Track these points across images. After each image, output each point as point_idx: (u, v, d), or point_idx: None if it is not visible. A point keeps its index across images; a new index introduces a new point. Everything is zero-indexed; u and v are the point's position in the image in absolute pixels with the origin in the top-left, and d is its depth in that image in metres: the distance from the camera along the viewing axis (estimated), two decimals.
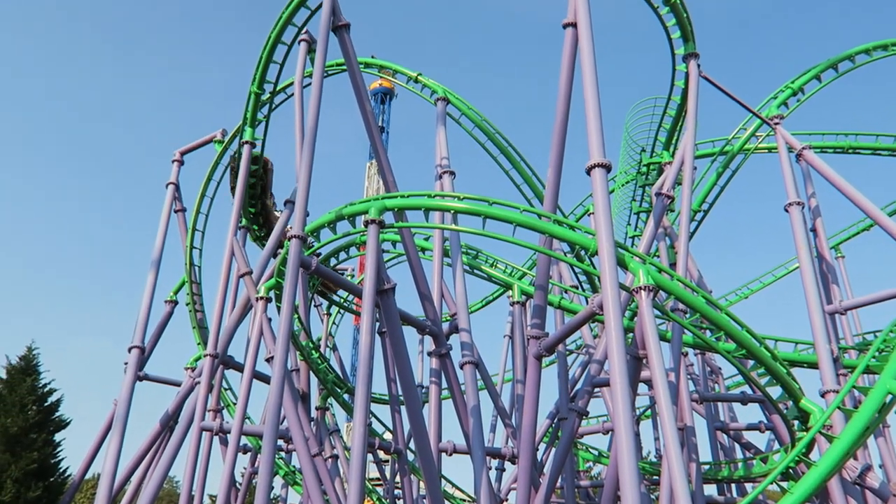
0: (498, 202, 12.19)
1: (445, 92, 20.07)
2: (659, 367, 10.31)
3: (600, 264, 10.65)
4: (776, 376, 12.88)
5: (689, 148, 16.10)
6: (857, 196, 17.61)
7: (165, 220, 21.65)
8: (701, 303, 11.93)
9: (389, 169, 15.63)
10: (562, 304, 17.89)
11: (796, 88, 19.51)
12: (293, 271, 12.10)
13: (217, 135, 22.95)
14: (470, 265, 20.80)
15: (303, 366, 17.58)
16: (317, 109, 13.33)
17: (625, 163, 21.90)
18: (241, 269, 17.91)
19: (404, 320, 15.05)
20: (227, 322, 18.06)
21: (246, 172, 18.52)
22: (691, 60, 16.65)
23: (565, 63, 13.26)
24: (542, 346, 13.68)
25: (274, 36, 16.77)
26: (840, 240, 25.13)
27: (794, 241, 16.66)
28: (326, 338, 26.20)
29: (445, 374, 15.84)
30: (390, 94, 64.58)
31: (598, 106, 11.59)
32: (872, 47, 20.04)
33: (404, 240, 15.47)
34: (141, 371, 20.11)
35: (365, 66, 21.47)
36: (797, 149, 18.54)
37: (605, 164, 11.26)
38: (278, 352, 11.56)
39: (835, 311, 18.16)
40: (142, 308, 20.26)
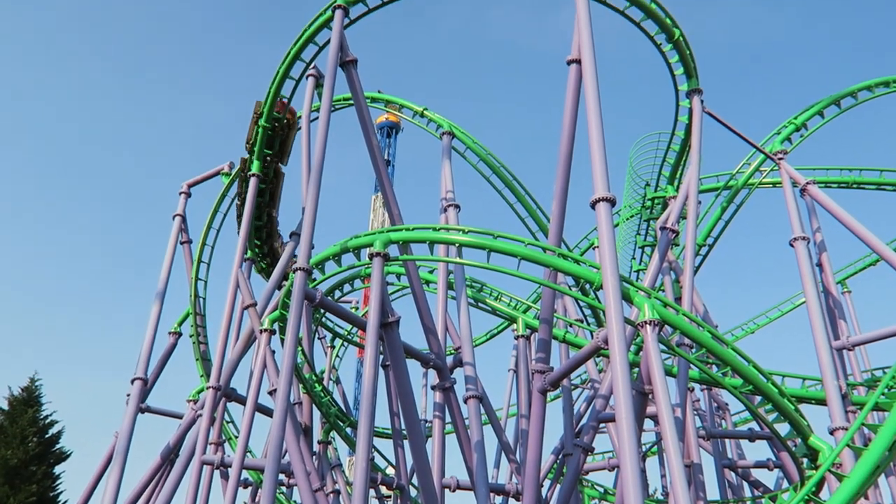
0: (503, 235, 12.22)
1: (451, 126, 20.27)
2: (665, 403, 10.21)
3: (605, 298, 10.61)
4: (784, 413, 12.73)
5: (694, 182, 16.15)
6: (863, 231, 17.59)
7: (171, 251, 21.74)
8: (707, 338, 11.86)
9: (395, 202, 15.72)
10: (567, 337, 17.78)
11: (799, 124, 19.65)
12: (297, 303, 12.10)
13: (224, 167, 23.16)
14: (474, 298, 20.76)
15: (305, 399, 17.46)
16: (324, 143, 13.47)
17: (629, 197, 21.99)
18: (246, 300, 17.90)
19: (408, 353, 14.98)
20: (231, 354, 18.00)
21: (252, 205, 18.62)
22: (694, 96, 16.80)
23: (569, 99, 13.40)
24: (547, 380, 13.57)
25: (282, 71, 17.02)
26: (846, 275, 25.03)
27: (800, 276, 16.61)
28: (330, 371, 26.03)
29: (449, 409, 15.70)
30: (396, 128, 65.23)
31: (602, 141, 11.68)
32: (874, 84, 20.21)
33: (409, 273, 15.48)
34: (143, 403, 19.97)
35: (372, 101, 21.73)
36: (801, 183, 18.59)
37: (610, 199, 11.30)
38: (281, 384, 11.50)
39: (842, 347, 17.99)
40: (145, 339, 20.23)
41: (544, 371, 13.75)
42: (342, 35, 15.06)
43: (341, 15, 15.16)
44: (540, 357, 13.98)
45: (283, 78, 17.16)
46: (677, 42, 15.98)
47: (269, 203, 19.67)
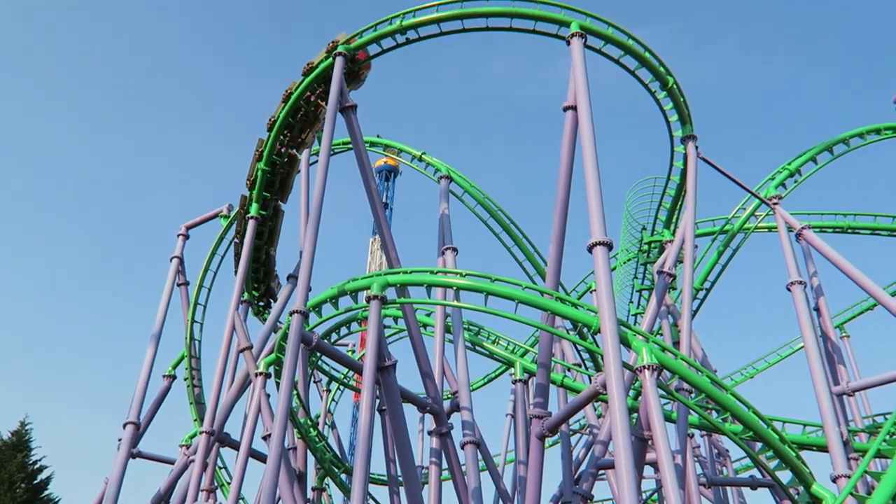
0: (500, 279, 12.23)
1: (448, 170, 20.48)
2: (665, 449, 10.08)
3: (603, 342, 10.58)
4: (785, 460, 12.57)
5: (690, 227, 16.26)
6: (859, 275, 17.64)
7: (168, 293, 21.67)
8: (706, 383, 11.78)
9: (392, 245, 15.77)
10: (565, 382, 17.64)
11: (793, 170, 19.87)
12: (294, 347, 12.02)
13: (223, 210, 23.27)
14: (472, 342, 20.65)
15: (300, 444, 17.20)
16: (322, 187, 13.58)
17: (626, 241, 22.09)
18: (242, 343, 17.77)
19: (405, 398, 14.83)
20: (225, 398, 17.78)
21: (250, 247, 18.65)
22: (689, 142, 17.03)
23: (566, 144, 13.60)
24: (545, 426, 13.42)
25: (283, 115, 17.24)
26: (844, 319, 24.97)
27: (798, 321, 16.59)
28: (325, 415, 25.70)
29: (446, 455, 15.46)
30: (395, 172, 65.78)
31: (598, 185, 11.81)
32: (866, 131, 20.53)
33: (406, 316, 15.43)
34: (134, 448, 19.64)
35: (371, 145, 21.99)
36: (797, 228, 18.71)
37: (607, 243, 11.37)
38: (276, 429, 11.34)
39: (842, 393, 17.85)
40: (139, 382, 20.01)
41: (542, 416, 13.61)
42: (342, 81, 15.33)
43: (342, 62, 15.46)
44: (538, 402, 13.85)
45: (284, 122, 17.37)
46: (671, 90, 16.27)
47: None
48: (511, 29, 15.42)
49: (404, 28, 15.63)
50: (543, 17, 14.96)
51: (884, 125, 20.73)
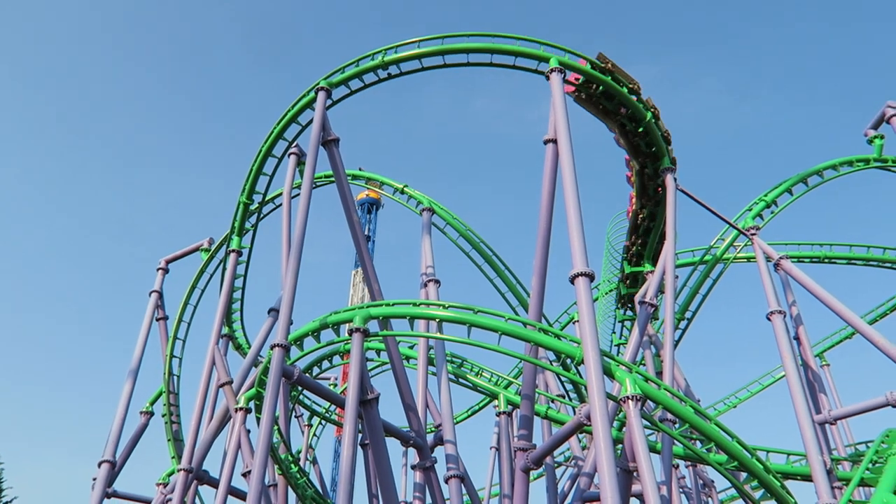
0: (483, 310, 12.23)
1: (430, 202, 20.57)
2: (650, 481, 10.03)
3: (587, 373, 10.57)
4: (770, 490, 12.55)
5: (670, 258, 16.41)
6: (836, 304, 17.86)
7: (147, 328, 21.39)
8: (689, 413, 11.79)
9: (375, 277, 15.74)
10: (549, 414, 17.54)
11: (769, 201, 20.21)
12: (275, 381, 11.88)
13: (204, 243, 23.12)
14: (455, 374, 20.51)
15: (281, 480, 16.88)
16: (304, 219, 13.58)
17: (608, 272, 22.22)
18: (221, 378, 17.51)
19: (388, 432, 14.64)
20: (204, 434, 17.45)
21: (230, 281, 18.52)
22: (668, 174, 17.28)
23: (547, 177, 13.75)
24: (530, 458, 13.32)
25: (265, 149, 17.30)
26: (823, 348, 25.21)
27: (779, 350, 16.70)
28: (307, 450, 25.26)
29: (430, 489, 15.23)
30: (377, 205, 65.92)
31: (579, 217, 11.93)
32: (839, 163, 20.97)
33: (389, 348, 15.34)
34: (110, 487, 19.14)
35: (353, 178, 22.08)
36: (775, 258, 18.96)
37: (589, 273, 11.44)
38: (256, 466, 11.14)
39: (824, 421, 17.92)
40: (115, 419, 19.59)
41: (527, 448, 13.51)
42: (325, 115, 15.44)
43: (324, 96, 15.60)
44: (522, 434, 13.75)
45: (266, 156, 17.43)
46: (648, 123, 16.56)
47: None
48: (491, 65, 15.68)
49: (386, 63, 15.83)
50: (523, 53, 15.24)
51: (855, 157, 21.21)
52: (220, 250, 21.88)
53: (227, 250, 18.77)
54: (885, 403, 16.54)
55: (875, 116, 20.92)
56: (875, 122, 20.98)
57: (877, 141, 20.98)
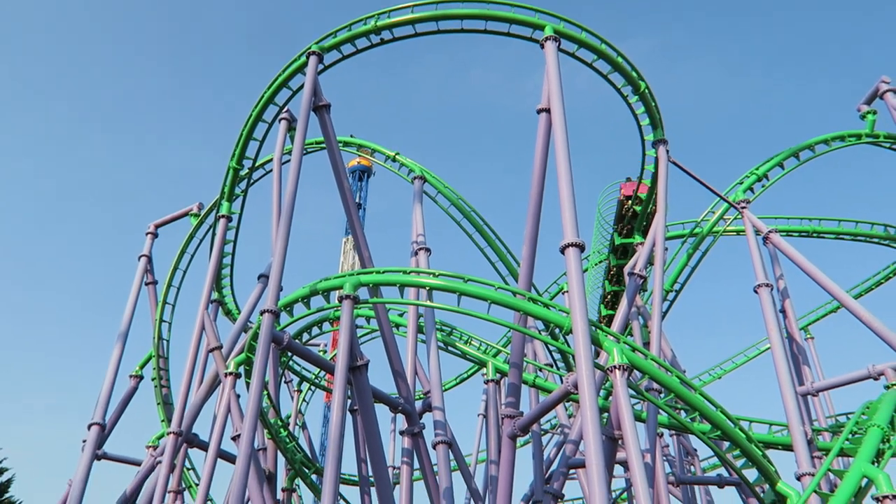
0: (473, 279, 12.26)
1: (422, 171, 20.47)
2: (635, 449, 10.19)
3: (575, 343, 10.66)
4: (752, 458, 12.79)
5: (660, 230, 16.46)
6: (823, 278, 18.03)
7: (136, 292, 21.34)
8: (675, 383, 11.94)
9: (365, 245, 15.71)
10: (536, 382, 17.74)
11: (761, 174, 20.25)
12: (264, 346, 11.91)
13: (193, 208, 22.97)
14: (444, 342, 20.66)
15: (270, 444, 17.05)
16: (295, 185, 13.49)
17: (598, 243, 22.31)
18: (211, 343, 17.56)
19: (377, 398, 14.77)
20: (194, 398, 17.55)
21: (220, 247, 18.45)
22: (660, 146, 17.24)
23: (539, 146, 13.69)
24: (517, 425, 13.49)
25: (255, 113, 17.10)
26: (809, 321, 25.51)
27: (765, 323, 16.89)
28: (296, 415, 25.49)
29: (418, 454, 15.45)
30: (368, 172, 65.58)
31: (571, 187, 11.90)
32: (831, 138, 20.99)
33: (378, 316, 15.39)
34: (100, 449, 19.28)
35: (344, 145, 21.90)
36: (764, 232, 19.06)
37: (579, 244, 11.46)
38: (245, 430, 11.22)
39: (807, 393, 18.22)
40: (105, 383, 19.65)
41: (514, 416, 13.67)
42: (316, 80, 15.24)
43: (315, 61, 15.38)
44: (510, 402, 13.91)
45: (257, 121, 17.24)
46: (643, 94, 16.47)
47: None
48: (486, 31, 15.47)
49: (379, 28, 15.60)
50: (518, 21, 15.04)
51: (847, 132, 21.22)
52: (209, 216, 21.75)
53: (217, 216, 18.67)
54: (867, 376, 16.82)
55: (868, 91, 20.91)
56: (868, 97, 20.96)
57: (869, 116, 20.99)
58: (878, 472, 11.52)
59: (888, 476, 11.57)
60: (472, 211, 21.48)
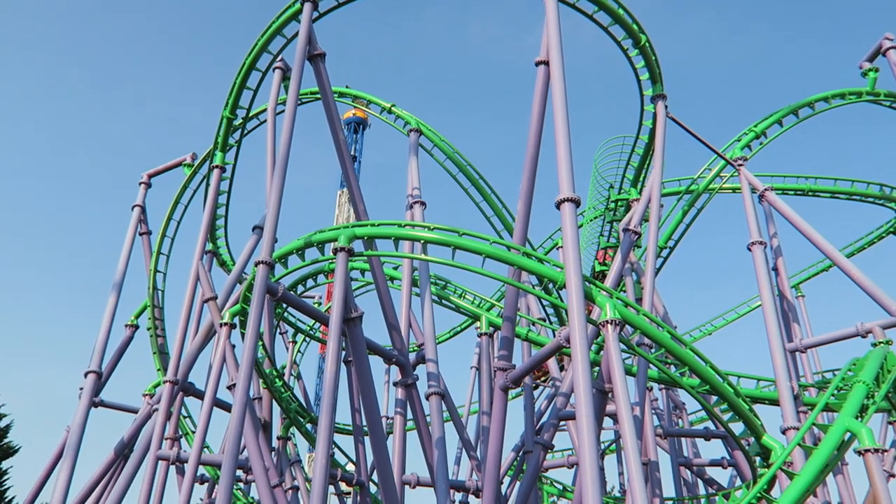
0: (468, 233, 12.25)
1: (418, 123, 20.24)
2: (624, 401, 10.36)
3: (568, 297, 10.73)
4: (739, 412, 13.04)
5: (656, 186, 16.42)
6: (817, 237, 18.11)
7: (130, 242, 21.30)
8: (666, 338, 12.08)
9: (360, 198, 15.64)
10: (529, 336, 17.93)
11: (759, 132, 20.13)
12: (259, 297, 11.95)
13: (186, 158, 22.76)
14: (438, 295, 20.79)
15: (265, 394, 17.26)
16: (289, 135, 13.33)
17: (593, 199, 22.26)
18: (206, 294, 17.61)
19: (371, 350, 14.92)
20: (189, 348, 17.70)
21: (214, 197, 18.35)
22: (659, 101, 17.07)
23: (537, 99, 13.51)
24: (509, 378, 13.67)
25: (249, 62, 16.78)
26: (800, 279, 25.74)
27: (757, 280, 17.02)
28: (291, 366, 25.77)
29: (411, 405, 15.69)
30: (363, 124, 64.94)
31: (568, 141, 11.80)
32: (831, 95, 20.80)
33: (373, 269, 15.43)
34: (97, 397, 19.53)
35: (339, 96, 21.58)
36: (760, 190, 19.05)
37: (575, 199, 11.42)
38: (241, 379, 11.35)
39: (795, 350, 18.49)
40: (100, 332, 19.77)
41: (506, 369, 13.84)
42: (311, 28, 14.90)
43: (310, 8, 15.01)
44: (502, 355, 14.06)
45: (250, 69, 16.92)
46: (643, 48, 16.21)
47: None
48: None
49: None
50: None
51: (848, 90, 21.03)
52: (203, 166, 21.58)
53: (211, 166, 18.51)
54: (855, 334, 17.05)
55: (871, 48, 20.63)
56: (871, 54, 20.70)
57: (871, 74, 20.76)
58: (861, 426, 11.79)
59: (871, 430, 11.85)
60: (468, 165, 21.34)
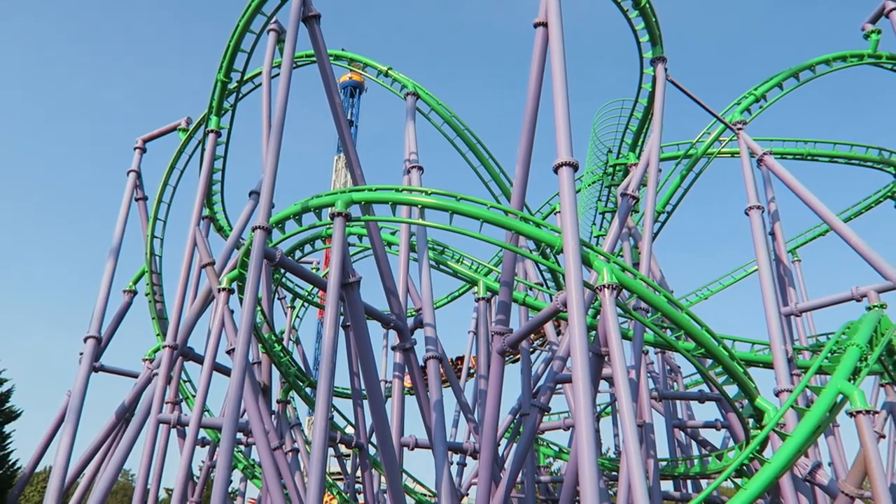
0: (465, 198, 12.20)
1: (415, 86, 20.02)
2: (620, 365, 10.45)
3: (565, 262, 10.74)
4: (733, 375, 13.18)
5: (655, 150, 16.33)
6: (815, 201, 18.09)
7: (126, 208, 21.24)
8: (662, 302, 12.13)
9: (357, 163, 15.54)
10: (526, 300, 18.01)
11: (759, 95, 19.95)
12: (257, 262, 11.95)
13: (181, 123, 22.55)
14: (436, 261, 20.81)
15: (265, 359, 17.39)
16: (285, 99, 13.17)
17: (591, 163, 22.13)
18: (204, 259, 17.62)
19: (369, 314, 14.99)
20: (188, 313, 17.77)
21: (210, 162, 18.23)
22: (659, 64, 16.88)
23: (535, 62, 13.34)
24: (506, 342, 13.76)
25: (242, 24, 16.52)
26: (797, 244, 25.81)
27: (754, 244, 17.04)
28: (289, 331, 25.93)
29: (409, 369, 15.83)
30: (360, 88, 64.24)
31: (566, 104, 11.69)
32: (832, 58, 20.58)
33: (371, 234, 15.40)
34: (97, 362, 19.67)
35: (335, 59, 21.29)
36: (758, 154, 18.96)
37: (573, 163, 11.36)
38: (240, 344, 11.41)
39: (790, 313, 18.62)
40: (99, 297, 19.82)
41: (504, 333, 13.93)
42: None
43: None
44: (500, 319, 14.14)
45: (244, 31, 16.68)
46: (643, 9, 15.97)
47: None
48: None
49: None
50: None
51: (849, 52, 20.79)
52: (198, 131, 21.38)
53: (206, 130, 18.35)
54: (850, 298, 17.15)
55: (875, 10, 20.34)
56: (874, 15, 20.42)
57: (873, 36, 20.51)
58: (854, 388, 11.91)
59: (863, 392, 11.97)
60: (465, 129, 21.17)
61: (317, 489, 10.51)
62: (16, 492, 21.29)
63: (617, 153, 20.72)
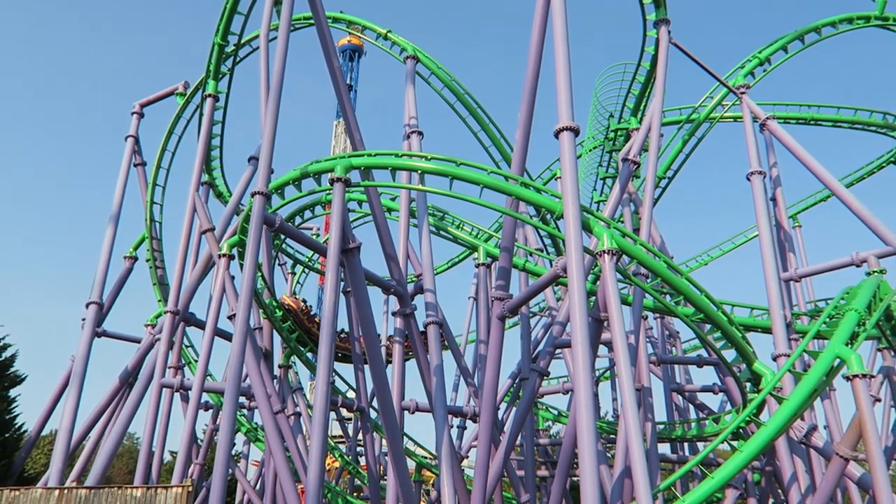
0: (466, 163, 12.12)
1: (415, 50, 19.74)
2: (619, 330, 10.51)
3: (565, 227, 10.72)
4: (731, 340, 13.25)
5: (657, 115, 16.17)
6: (817, 167, 17.99)
7: (125, 173, 21.14)
8: (662, 268, 12.14)
9: (357, 128, 15.40)
10: (526, 266, 18.03)
11: (763, 58, 19.68)
12: (256, 228, 11.93)
13: (179, 87, 22.31)
14: (436, 226, 20.78)
15: (266, 324, 17.49)
16: (283, 62, 13.01)
17: (593, 128, 21.93)
18: (203, 225, 17.60)
19: (369, 280, 15.02)
20: (189, 279, 17.82)
21: (208, 127, 18.08)
22: (662, 26, 16.61)
23: (537, 24, 13.12)
24: (506, 307, 13.82)
25: None
26: (798, 209, 25.74)
27: (755, 210, 17.00)
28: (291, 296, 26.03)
29: (409, 334, 15.92)
30: (359, 52, 63.34)
31: (568, 68, 11.52)
32: (838, 20, 20.25)
33: (370, 199, 15.35)
34: (99, 327, 19.80)
35: (333, 21, 20.97)
36: (761, 118, 18.79)
37: (574, 128, 11.25)
38: (240, 309, 11.46)
39: (790, 279, 18.65)
40: (100, 263, 19.86)
41: (504, 298, 13.98)
42: None
43: None
44: (500, 285, 14.17)
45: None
46: None
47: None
48: None
49: None
50: None
51: (856, 14, 20.47)
52: (196, 95, 21.16)
53: (203, 94, 18.16)
54: (850, 263, 17.17)
55: None
56: None
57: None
58: (851, 352, 11.99)
59: (860, 357, 12.06)
60: (465, 93, 20.93)
61: (318, 451, 10.66)
62: (22, 454, 21.61)
63: (619, 118, 20.51)
